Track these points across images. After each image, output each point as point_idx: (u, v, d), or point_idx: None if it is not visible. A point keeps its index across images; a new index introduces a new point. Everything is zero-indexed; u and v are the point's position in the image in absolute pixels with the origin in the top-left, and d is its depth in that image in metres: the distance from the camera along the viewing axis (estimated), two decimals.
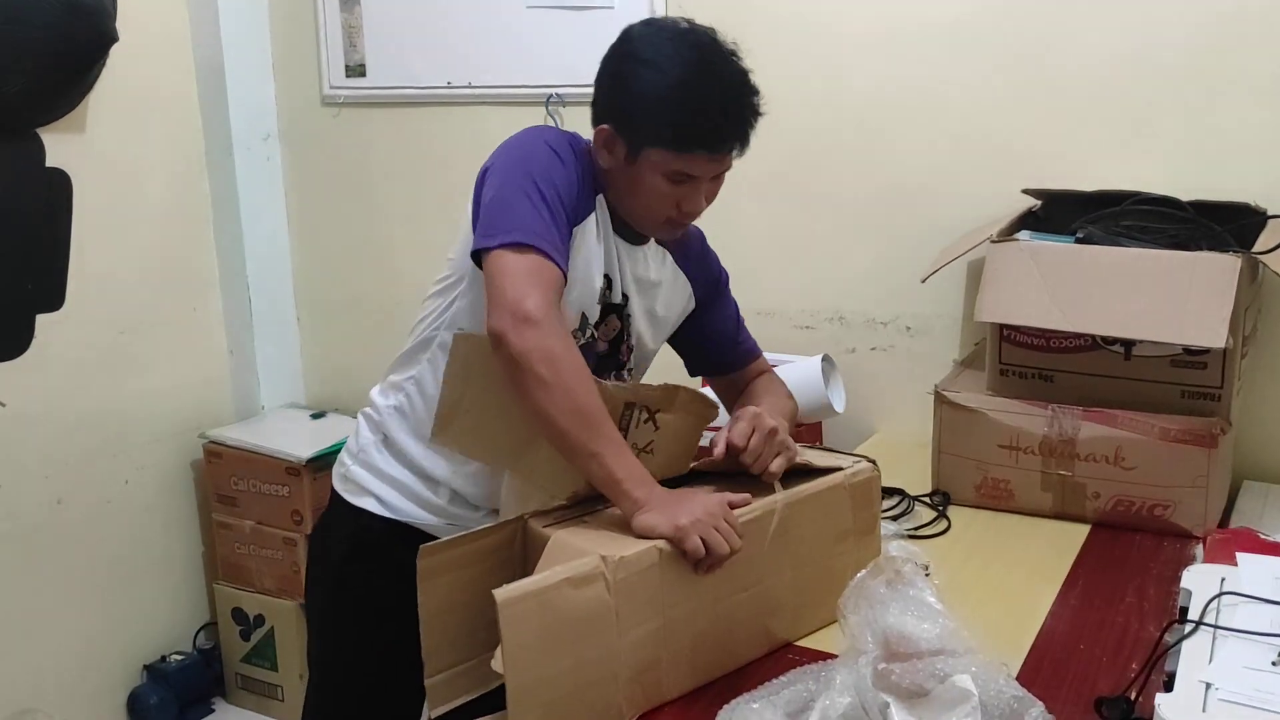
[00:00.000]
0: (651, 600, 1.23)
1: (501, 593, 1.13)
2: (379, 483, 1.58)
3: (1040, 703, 1.12)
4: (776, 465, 1.37)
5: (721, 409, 1.68)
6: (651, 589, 1.23)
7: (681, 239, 1.61)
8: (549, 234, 1.35)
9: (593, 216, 1.47)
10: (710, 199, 1.50)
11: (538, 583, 1.16)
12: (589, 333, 1.51)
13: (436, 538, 1.32)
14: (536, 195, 1.36)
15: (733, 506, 1.30)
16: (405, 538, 1.47)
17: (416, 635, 1.28)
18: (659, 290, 1.59)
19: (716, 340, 1.70)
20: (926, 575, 1.20)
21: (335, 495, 1.64)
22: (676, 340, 1.70)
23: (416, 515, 1.56)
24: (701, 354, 1.72)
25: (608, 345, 1.56)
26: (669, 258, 1.61)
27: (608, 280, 1.51)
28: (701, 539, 1.24)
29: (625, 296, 1.55)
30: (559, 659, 1.17)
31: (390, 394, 1.59)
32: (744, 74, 1.45)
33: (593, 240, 1.47)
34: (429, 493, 1.55)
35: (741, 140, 1.45)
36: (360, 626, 1.60)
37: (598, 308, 1.51)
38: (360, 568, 1.58)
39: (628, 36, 1.46)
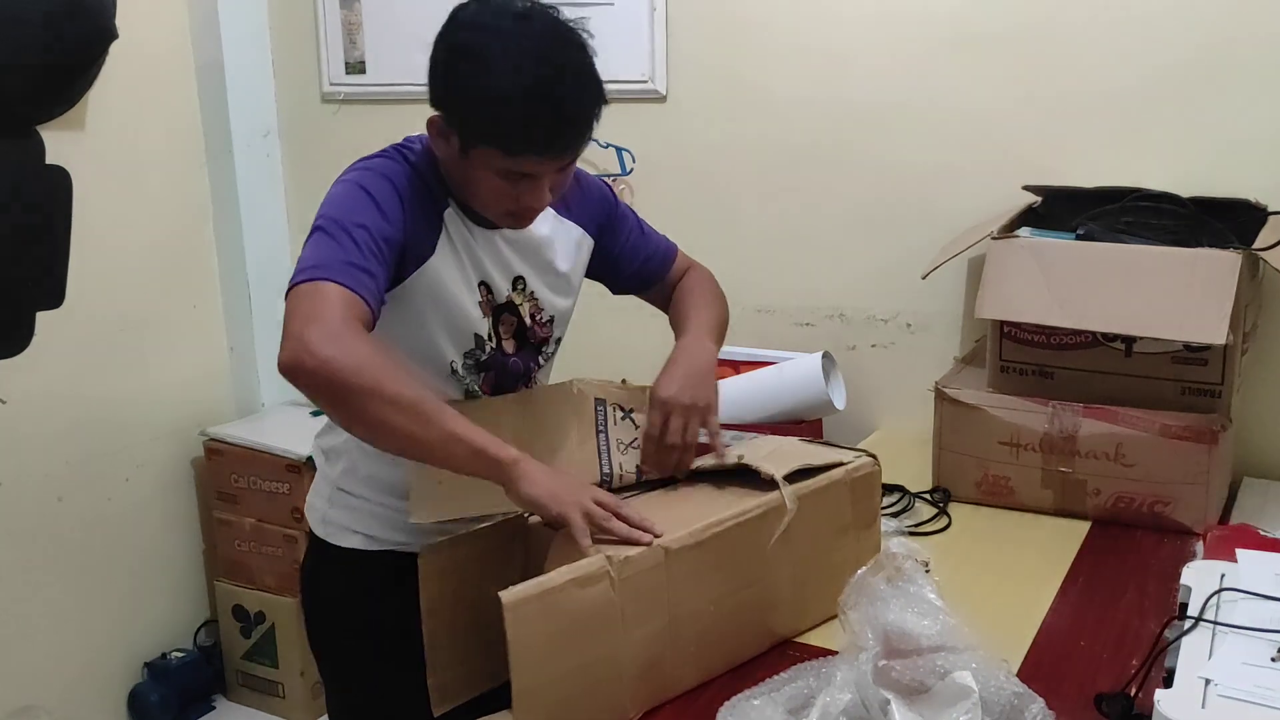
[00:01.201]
0: (657, 598, 1.23)
1: (508, 595, 1.12)
2: (361, 518, 1.51)
3: (1040, 699, 1.13)
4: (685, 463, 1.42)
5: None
6: (657, 586, 1.23)
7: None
8: (341, 266, 1.24)
9: (442, 239, 1.39)
10: (558, 190, 1.39)
11: (543, 584, 1.15)
12: (488, 347, 1.46)
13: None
14: (339, 232, 1.28)
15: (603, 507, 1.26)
16: (403, 563, 1.39)
17: None
18: (551, 245, 1.51)
19: (626, 261, 1.63)
20: (926, 571, 1.21)
21: (317, 540, 1.56)
22: (588, 273, 1.62)
23: (409, 540, 1.45)
24: (616, 277, 1.65)
25: (514, 340, 1.50)
26: (548, 210, 1.48)
27: (485, 287, 1.45)
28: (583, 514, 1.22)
29: (512, 287, 1.48)
30: (565, 659, 1.16)
31: (338, 429, 1.48)
32: (584, 66, 1.31)
33: (451, 266, 1.40)
34: (402, 508, 1.44)
35: (580, 141, 1.33)
36: (383, 664, 1.50)
37: (486, 321, 1.45)
38: (366, 608, 1.52)
39: (455, 20, 1.33)
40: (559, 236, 1.53)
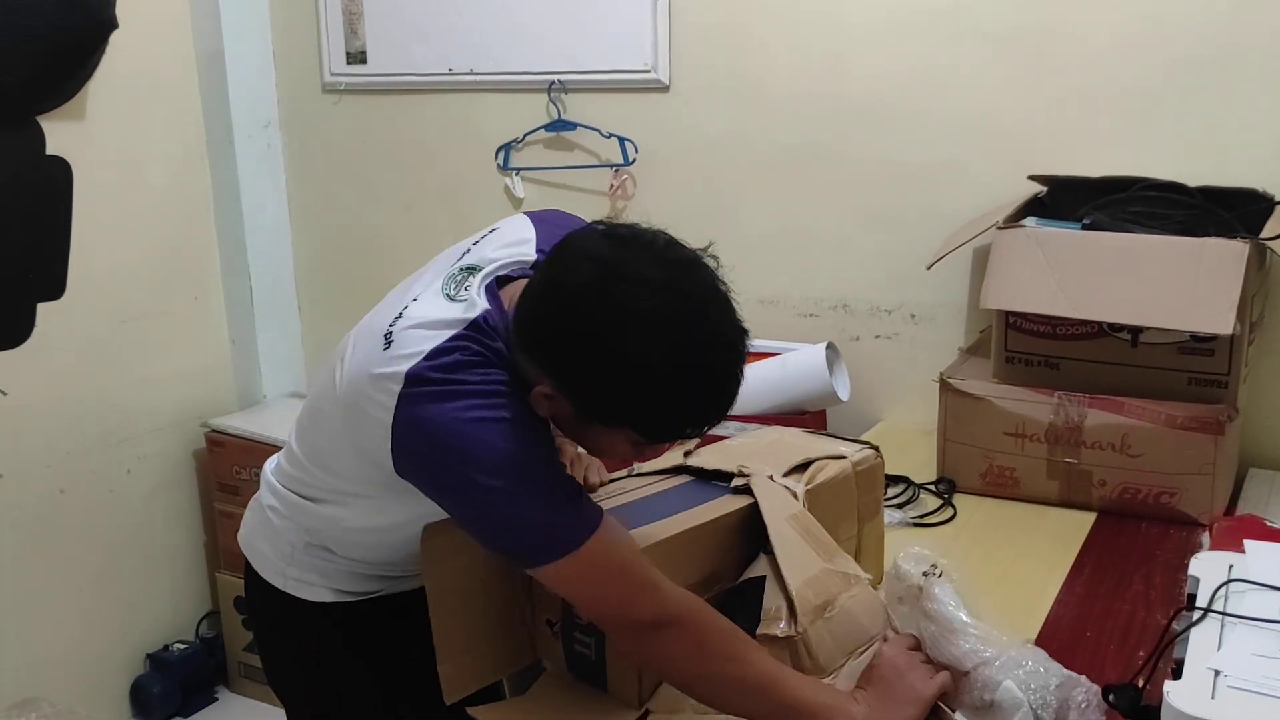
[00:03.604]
0: None
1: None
2: (330, 574, 1.37)
3: (1083, 677, 1.14)
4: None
5: None
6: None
7: None
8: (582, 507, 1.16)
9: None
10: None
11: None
12: None
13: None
14: (535, 479, 1.14)
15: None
16: (382, 604, 1.36)
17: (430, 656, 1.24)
18: None
19: None
20: (939, 576, 1.20)
21: (278, 593, 1.40)
22: None
23: (389, 587, 1.38)
24: None
25: None
26: None
27: None
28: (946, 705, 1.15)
29: None
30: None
31: (303, 516, 1.36)
32: (737, 339, 1.14)
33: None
34: (390, 568, 1.37)
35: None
36: (385, 690, 1.42)
37: None
38: (351, 655, 1.40)
39: (599, 295, 1.09)
40: None
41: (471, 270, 1.23)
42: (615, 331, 1.08)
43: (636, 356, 1.08)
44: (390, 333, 1.17)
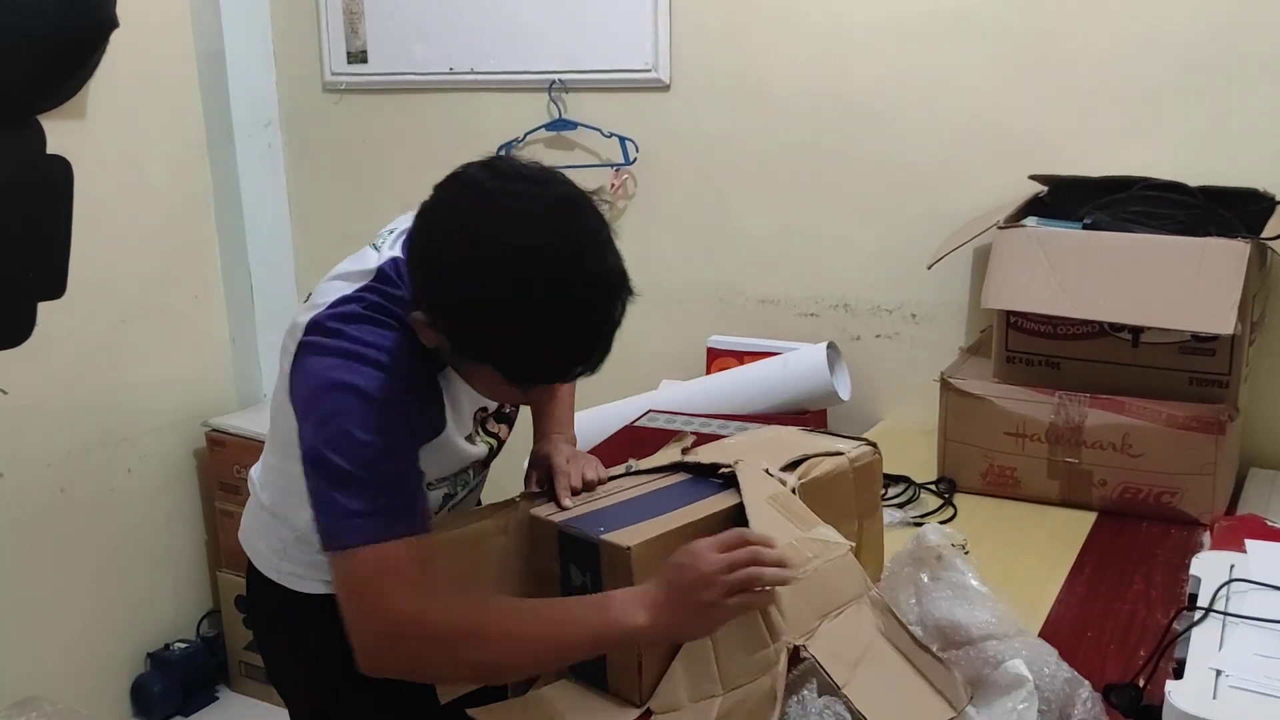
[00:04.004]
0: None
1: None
2: (322, 567, 1.32)
3: (1088, 682, 1.13)
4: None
5: None
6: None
7: None
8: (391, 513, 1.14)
9: (446, 406, 1.27)
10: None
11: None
12: (476, 469, 1.40)
13: None
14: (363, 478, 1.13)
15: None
16: None
17: None
18: None
19: None
20: (966, 553, 1.20)
21: (276, 587, 1.42)
22: None
23: None
24: None
25: (505, 426, 1.44)
26: None
27: (482, 410, 1.36)
28: (737, 599, 1.12)
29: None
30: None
31: (285, 512, 1.38)
32: (610, 286, 1.11)
33: (453, 424, 1.29)
34: None
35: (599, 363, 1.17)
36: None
37: (484, 444, 1.38)
38: (348, 649, 1.36)
39: (469, 224, 1.09)
40: None
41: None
42: (481, 264, 1.07)
43: (499, 290, 1.07)
44: (317, 288, 1.23)
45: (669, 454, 1.46)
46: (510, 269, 1.07)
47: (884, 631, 1.17)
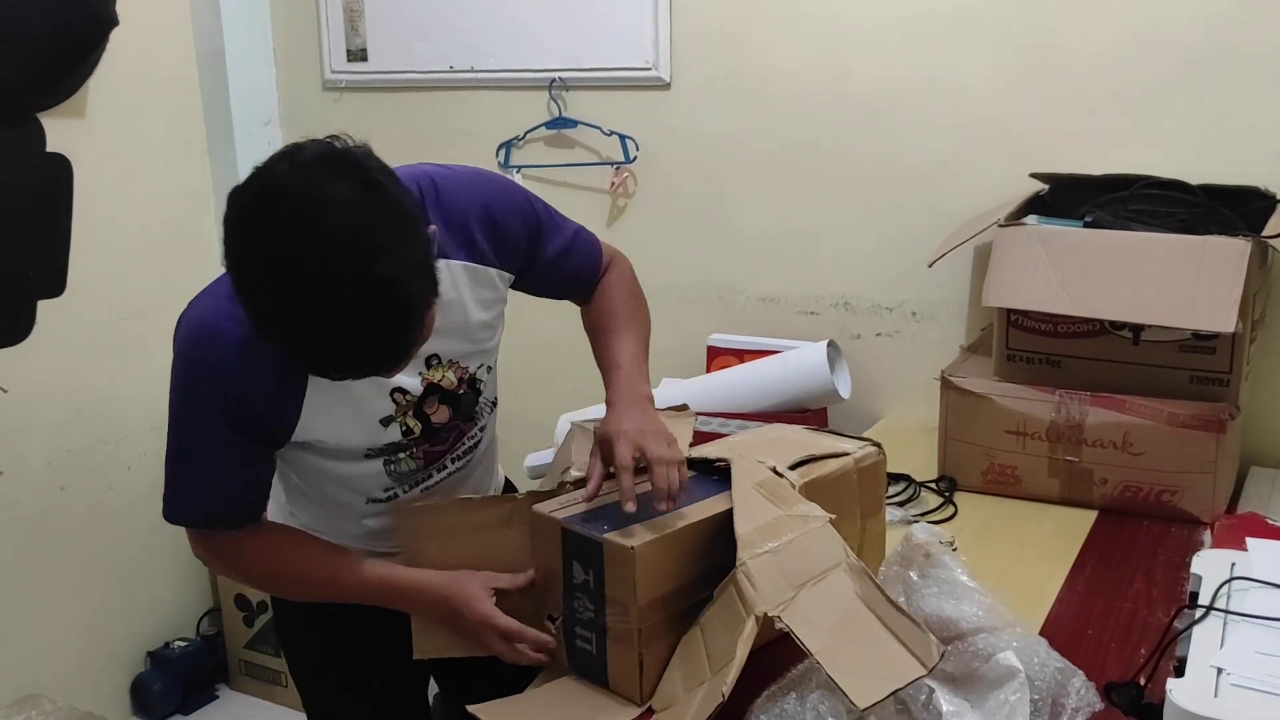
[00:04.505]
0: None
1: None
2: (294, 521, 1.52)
3: (1081, 672, 1.13)
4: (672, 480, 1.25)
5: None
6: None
7: (462, 240, 1.33)
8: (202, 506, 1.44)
9: (310, 393, 1.29)
10: (426, 335, 1.28)
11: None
12: (411, 449, 1.39)
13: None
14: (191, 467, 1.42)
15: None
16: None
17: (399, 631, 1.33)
18: (463, 304, 1.35)
19: (551, 275, 1.47)
20: (954, 550, 1.20)
21: None
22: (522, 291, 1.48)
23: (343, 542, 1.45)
24: (539, 289, 1.49)
25: (446, 408, 1.40)
26: (451, 264, 1.32)
27: (399, 393, 1.34)
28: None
29: (426, 366, 1.35)
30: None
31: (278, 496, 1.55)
32: (364, 295, 1.08)
33: (333, 406, 1.30)
34: (369, 541, 1.46)
35: (404, 355, 1.15)
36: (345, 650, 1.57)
37: (403, 422, 1.36)
38: (351, 614, 1.45)
39: (242, 214, 1.15)
40: (474, 283, 1.36)
41: None
42: (241, 258, 1.15)
43: (253, 284, 1.13)
44: None
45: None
46: (261, 266, 1.15)
47: (861, 595, 1.17)
